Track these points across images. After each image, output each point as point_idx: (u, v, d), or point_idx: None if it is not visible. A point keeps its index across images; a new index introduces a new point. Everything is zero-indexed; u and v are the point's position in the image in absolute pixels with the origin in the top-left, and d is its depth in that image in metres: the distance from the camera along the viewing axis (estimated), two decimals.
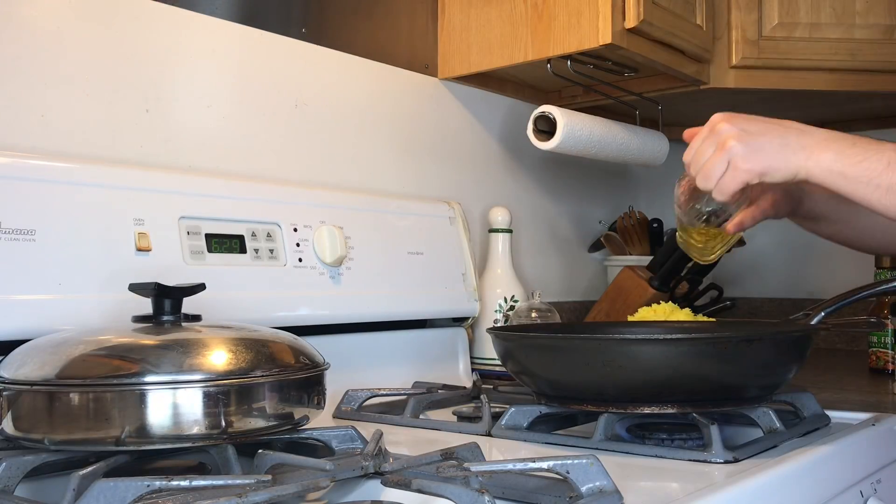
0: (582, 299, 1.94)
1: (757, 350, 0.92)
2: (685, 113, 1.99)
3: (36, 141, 1.04)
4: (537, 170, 1.84)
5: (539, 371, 0.99)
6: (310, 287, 1.19)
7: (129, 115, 1.14)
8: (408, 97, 1.54)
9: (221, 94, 1.25)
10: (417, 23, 1.57)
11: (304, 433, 0.84)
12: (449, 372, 1.41)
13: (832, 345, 2.08)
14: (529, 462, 0.69)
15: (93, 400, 0.71)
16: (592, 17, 1.39)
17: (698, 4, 1.55)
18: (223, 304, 1.04)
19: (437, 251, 1.41)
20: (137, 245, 1.01)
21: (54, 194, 0.96)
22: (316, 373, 0.83)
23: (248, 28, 1.28)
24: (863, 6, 1.61)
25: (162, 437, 0.72)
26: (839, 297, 1.15)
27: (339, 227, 1.23)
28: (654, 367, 0.89)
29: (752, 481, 0.77)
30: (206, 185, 1.13)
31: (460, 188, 1.63)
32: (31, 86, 1.04)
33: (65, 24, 1.08)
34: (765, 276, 2.26)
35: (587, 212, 2.00)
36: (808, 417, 1.02)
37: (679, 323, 1.34)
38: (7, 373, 0.75)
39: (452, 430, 1.02)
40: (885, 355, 1.55)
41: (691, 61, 1.59)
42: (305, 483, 0.66)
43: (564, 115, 1.47)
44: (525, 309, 1.48)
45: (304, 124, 1.36)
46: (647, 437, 0.95)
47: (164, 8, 1.18)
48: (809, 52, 1.61)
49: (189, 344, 0.76)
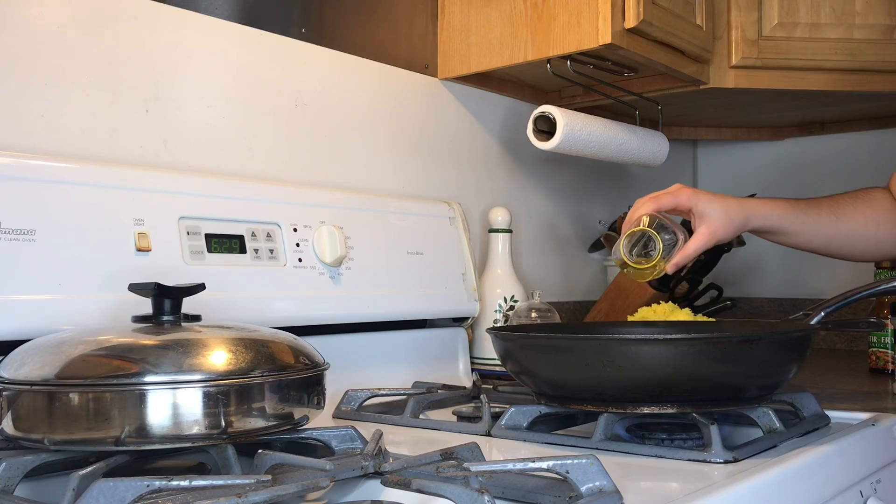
0: (582, 299, 1.94)
1: (757, 350, 0.92)
2: (685, 113, 1.99)
3: (36, 141, 1.04)
4: (537, 170, 1.84)
5: (539, 371, 0.99)
6: (310, 287, 1.19)
7: (129, 115, 1.14)
8: (408, 97, 1.54)
9: (221, 94, 1.25)
10: (417, 23, 1.57)
11: (303, 433, 0.84)
12: (449, 372, 1.41)
13: (832, 345, 2.08)
14: (529, 462, 0.69)
15: (93, 400, 0.71)
16: (592, 17, 1.39)
17: (698, 4, 1.55)
18: (223, 304, 1.04)
19: (437, 251, 1.41)
20: (137, 245, 1.01)
21: (54, 194, 0.96)
22: (316, 373, 0.83)
23: (248, 28, 1.28)
24: (863, 6, 1.61)
25: (162, 437, 0.72)
26: (839, 297, 1.15)
27: (339, 227, 1.23)
28: (653, 367, 0.89)
29: (752, 481, 0.77)
30: (206, 185, 1.13)
31: (460, 188, 1.63)
32: (31, 86, 1.04)
33: (65, 24, 1.08)
34: (765, 276, 2.26)
35: (587, 212, 2.00)
36: (808, 417, 1.02)
37: (679, 323, 1.34)
38: (7, 373, 0.75)
39: (452, 430, 1.02)
40: (885, 355, 1.55)
41: (691, 61, 1.59)
42: (305, 483, 0.66)
43: (564, 115, 1.47)
44: (525, 309, 1.48)
45: (304, 124, 1.36)
46: (646, 437, 0.95)
47: (164, 8, 1.18)
48: (809, 52, 1.61)
49: (189, 344, 0.76)
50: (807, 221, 1.23)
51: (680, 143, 2.28)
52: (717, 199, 1.18)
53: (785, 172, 2.25)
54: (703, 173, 2.39)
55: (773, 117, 2.12)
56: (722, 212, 1.17)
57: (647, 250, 1.15)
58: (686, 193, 1.18)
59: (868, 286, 1.17)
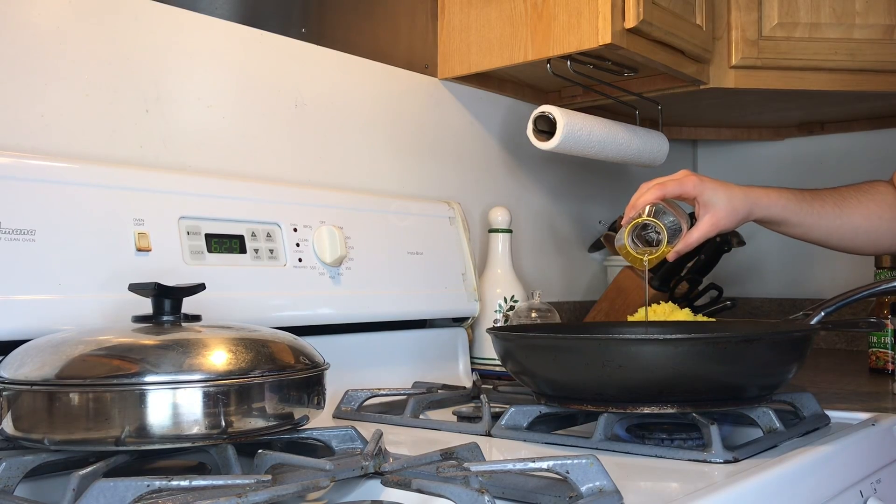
0: (582, 299, 1.94)
1: (757, 350, 0.92)
2: (685, 113, 2.00)
3: (36, 141, 1.04)
4: (537, 170, 1.84)
5: (539, 371, 0.99)
6: (310, 287, 1.19)
7: (129, 115, 1.14)
8: (408, 97, 1.54)
9: (221, 94, 1.25)
10: (417, 23, 1.57)
11: (303, 433, 0.84)
12: (449, 372, 1.41)
13: (832, 345, 2.08)
14: (529, 462, 0.69)
15: (93, 400, 0.71)
16: (592, 17, 1.40)
17: (698, 4, 1.55)
18: (223, 304, 1.04)
19: (437, 251, 1.41)
20: (137, 245, 1.01)
21: (54, 194, 0.96)
22: (316, 373, 0.83)
23: (248, 28, 1.28)
24: (862, 6, 1.61)
25: (162, 437, 0.72)
26: (839, 297, 1.15)
27: (339, 227, 1.23)
28: (653, 367, 0.89)
29: (752, 481, 0.77)
30: (206, 185, 1.13)
31: (460, 188, 1.63)
32: (31, 86, 1.04)
33: (65, 24, 1.08)
34: (765, 276, 2.27)
35: (587, 212, 2.00)
36: (808, 417, 1.02)
37: (679, 323, 1.34)
38: (7, 373, 0.75)
39: (452, 430, 1.02)
40: (885, 355, 1.55)
41: (691, 61, 1.59)
42: (305, 483, 0.66)
43: (564, 115, 1.47)
44: (525, 309, 1.48)
45: (304, 124, 1.36)
46: (646, 437, 0.95)
47: (164, 8, 1.18)
48: (809, 52, 1.61)
49: (189, 344, 0.76)
50: (810, 212, 1.24)
51: (680, 143, 2.28)
52: (723, 188, 1.19)
53: (785, 172, 2.25)
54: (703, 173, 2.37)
55: (773, 117, 2.12)
56: (727, 201, 1.18)
57: (649, 235, 1.16)
58: (692, 181, 1.18)
59: (868, 286, 1.17)
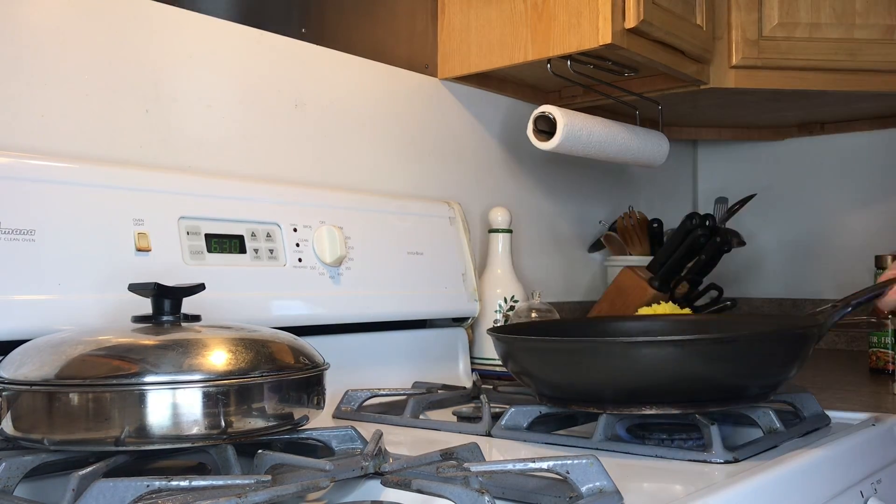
0: (582, 299, 1.94)
1: (757, 349, 0.92)
2: (685, 113, 1.99)
3: (36, 141, 1.04)
4: (537, 170, 1.84)
5: (540, 373, 0.99)
6: (310, 287, 1.19)
7: (129, 115, 1.14)
8: (408, 97, 1.54)
9: (221, 94, 1.25)
10: (417, 23, 1.57)
11: (303, 433, 0.84)
12: (449, 372, 1.41)
13: (832, 345, 2.08)
14: (529, 462, 0.69)
15: (92, 400, 0.71)
16: (592, 18, 1.40)
17: (698, 4, 1.55)
18: (223, 304, 1.04)
19: (437, 251, 1.40)
20: (137, 245, 1.01)
21: (54, 194, 0.96)
22: (316, 373, 0.83)
23: (248, 28, 1.28)
24: (863, 6, 1.61)
25: (161, 437, 0.72)
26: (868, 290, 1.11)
27: (338, 227, 1.23)
28: (653, 368, 0.89)
29: (752, 481, 0.77)
30: (206, 185, 1.13)
31: (460, 188, 1.63)
32: (31, 86, 1.04)
33: (65, 24, 1.08)
34: (765, 276, 2.27)
35: (587, 212, 2.00)
36: (809, 417, 1.02)
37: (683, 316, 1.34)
38: (6, 373, 0.75)
39: (452, 430, 1.02)
40: (885, 355, 1.55)
41: (691, 61, 1.59)
42: (305, 483, 0.66)
43: (564, 115, 1.47)
44: (525, 309, 1.48)
45: (304, 124, 1.36)
46: (647, 438, 0.95)
47: (164, 8, 1.18)
48: (809, 52, 1.61)
49: (189, 344, 0.76)
50: None
51: (680, 143, 2.28)
52: None
53: (785, 172, 2.25)
54: (703, 173, 2.39)
55: (773, 117, 2.12)
56: None
57: None
58: None
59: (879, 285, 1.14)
